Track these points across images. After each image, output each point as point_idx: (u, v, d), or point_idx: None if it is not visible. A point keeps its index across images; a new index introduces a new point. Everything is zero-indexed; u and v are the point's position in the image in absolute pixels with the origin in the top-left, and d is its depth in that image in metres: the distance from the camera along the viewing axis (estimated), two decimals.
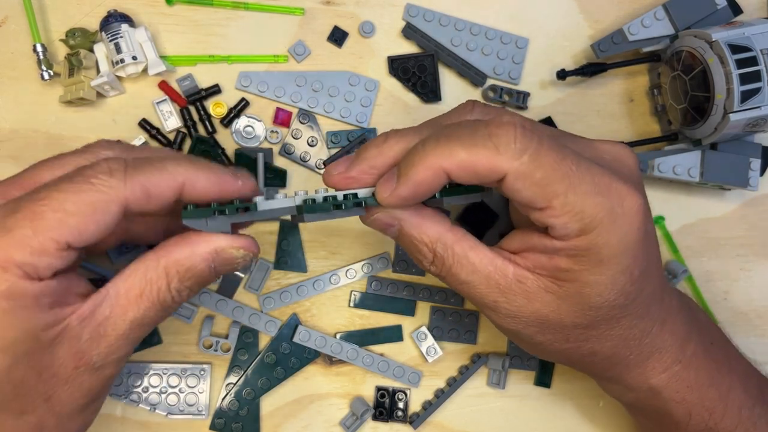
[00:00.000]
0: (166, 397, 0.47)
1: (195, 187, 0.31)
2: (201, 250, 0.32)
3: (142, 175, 0.30)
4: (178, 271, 0.32)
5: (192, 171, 0.31)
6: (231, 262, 0.33)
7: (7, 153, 0.46)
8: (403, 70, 0.49)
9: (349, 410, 0.49)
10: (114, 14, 0.45)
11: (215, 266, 0.32)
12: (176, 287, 0.32)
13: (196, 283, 0.33)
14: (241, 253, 0.33)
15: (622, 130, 0.51)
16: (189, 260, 0.32)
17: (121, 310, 0.31)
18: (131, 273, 0.32)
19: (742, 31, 0.43)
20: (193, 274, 0.32)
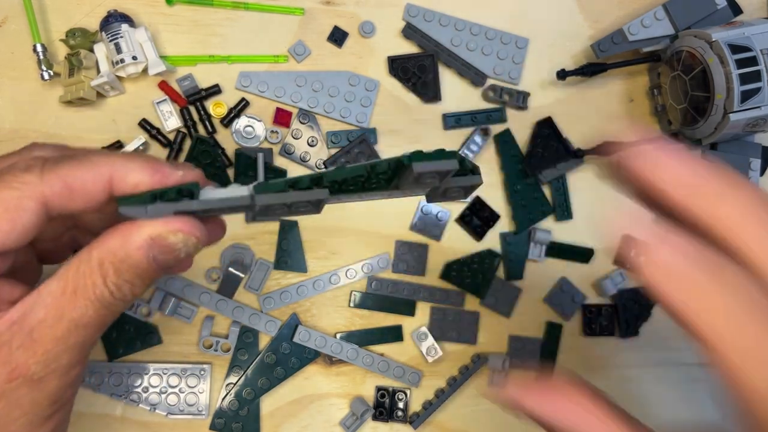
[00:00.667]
0: (166, 397, 0.47)
1: (126, 179, 0.28)
2: (135, 238, 0.28)
3: (61, 169, 0.27)
4: (112, 263, 0.28)
5: (121, 162, 0.28)
6: (170, 249, 0.28)
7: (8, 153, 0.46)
8: (403, 70, 0.49)
9: (349, 410, 0.49)
10: (114, 14, 0.45)
11: (154, 255, 0.28)
12: (113, 281, 0.28)
13: (137, 276, 0.29)
14: (179, 237, 0.28)
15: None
16: (122, 250, 0.28)
17: (56, 312, 0.28)
18: (65, 270, 0.28)
19: (742, 31, 0.43)
20: (130, 266, 0.28)
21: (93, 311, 0.28)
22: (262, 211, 0.30)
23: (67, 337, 0.28)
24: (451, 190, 0.33)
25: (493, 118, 0.50)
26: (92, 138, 0.47)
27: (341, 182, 0.31)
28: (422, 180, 0.31)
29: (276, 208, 0.30)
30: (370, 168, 0.30)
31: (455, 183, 0.32)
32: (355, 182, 0.31)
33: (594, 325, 0.51)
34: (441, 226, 0.49)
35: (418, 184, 0.32)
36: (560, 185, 0.50)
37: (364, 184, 0.31)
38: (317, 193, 0.30)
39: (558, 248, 0.50)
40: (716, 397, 0.52)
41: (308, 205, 0.31)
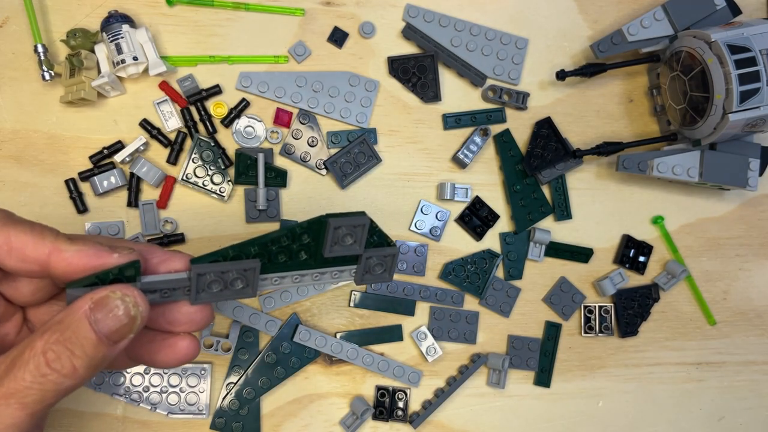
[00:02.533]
0: (167, 397, 0.47)
1: (62, 257, 0.30)
2: (79, 305, 0.29)
3: (12, 227, 0.30)
4: (56, 329, 0.28)
5: (63, 242, 0.30)
6: (111, 308, 0.29)
7: (8, 153, 0.47)
8: (403, 71, 0.49)
9: (349, 409, 0.49)
10: (115, 15, 0.45)
11: (96, 318, 0.29)
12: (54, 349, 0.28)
13: (78, 346, 0.28)
14: (117, 295, 0.29)
15: (621, 130, 0.51)
16: (68, 317, 0.29)
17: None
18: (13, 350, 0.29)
19: (741, 31, 0.43)
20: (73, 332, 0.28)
21: (21, 382, 0.28)
22: (201, 288, 0.32)
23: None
24: (374, 267, 0.36)
25: (492, 119, 0.50)
26: (93, 138, 0.47)
27: (269, 251, 0.33)
28: (341, 241, 0.34)
29: (212, 284, 0.32)
30: (289, 231, 0.33)
31: (374, 254, 0.35)
32: (284, 251, 0.34)
33: (593, 325, 0.51)
34: (441, 226, 0.50)
35: (341, 248, 0.34)
36: (559, 185, 0.50)
37: (292, 254, 0.34)
38: (248, 263, 0.32)
39: (557, 248, 0.50)
40: (714, 399, 0.53)
41: (242, 280, 0.33)
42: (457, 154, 0.49)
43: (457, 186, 0.49)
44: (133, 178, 0.47)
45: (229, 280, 0.32)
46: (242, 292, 0.33)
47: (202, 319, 0.34)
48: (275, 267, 0.34)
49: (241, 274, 0.32)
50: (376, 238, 0.35)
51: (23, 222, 0.30)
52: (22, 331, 0.34)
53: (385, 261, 0.36)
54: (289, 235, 0.33)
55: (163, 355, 0.33)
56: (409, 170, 0.50)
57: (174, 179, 0.47)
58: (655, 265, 0.52)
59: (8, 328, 0.34)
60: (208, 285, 0.32)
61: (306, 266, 0.35)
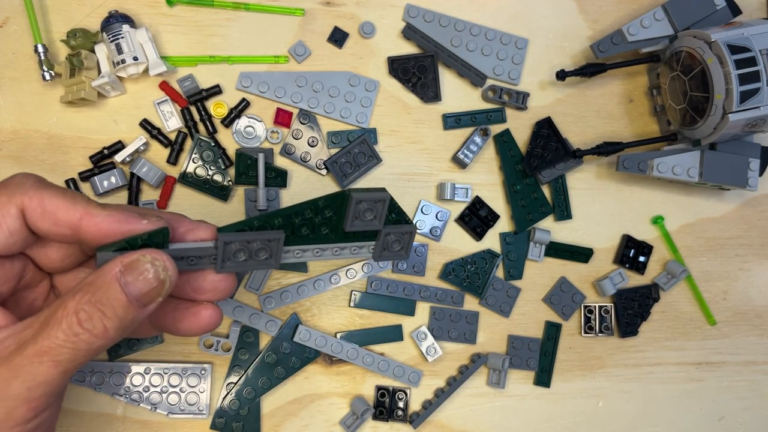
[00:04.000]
0: (167, 397, 0.47)
1: (94, 222, 0.30)
2: (110, 267, 0.29)
3: (46, 190, 0.31)
4: (87, 291, 0.29)
5: (95, 207, 0.31)
6: (141, 272, 0.30)
7: (9, 153, 0.47)
8: (403, 71, 0.49)
9: (349, 409, 0.49)
10: (115, 15, 0.45)
11: (125, 281, 0.29)
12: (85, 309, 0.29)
13: (108, 306, 0.29)
14: (147, 258, 0.30)
15: (621, 130, 0.51)
16: (99, 279, 0.29)
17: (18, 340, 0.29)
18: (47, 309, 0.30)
19: (741, 31, 0.43)
20: (104, 294, 0.29)
21: (54, 340, 0.28)
22: (227, 257, 0.33)
23: (19, 366, 0.28)
24: (392, 244, 0.37)
25: (492, 119, 0.50)
26: (93, 138, 0.47)
27: (293, 224, 0.34)
28: (362, 216, 0.35)
29: (238, 253, 0.33)
30: (312, 203, 0.34)
31: (392, 231, 0.37)
32: (306, 224, 0.35)
33: (593, 325, 0.51)
34: (441, 226, 0.50)
35: (361, 223, 0.35)
36: (559, 185, 0.50)
37: (314, 228, 0.35)
38: (273, 234, 0.33)
39: (557, 248, 0.50)
40: (714, 399, 0.53)
41: (266, 250, 0.34)
42: (457, 154, 0.49)
43: (457, 186, 0.49)
44: (134, 178, 0.47)
45: (253, 249, 0.33)
46: (266, 262, 0.34)
47: (227, 288, 0.35)
48: (298, 239, 0.35)
49: (266, 244, 0.34)
50: (395, 215, 0.37)
51: (56, 186, 0.31)
52: (49, 297, 0.36)
53: (402, 238, 0.37)
54: (312, 208, 0.35)
55: (187, 323, 0.35)
56: (409, 170, 0.50)
57: (174, 179, 0.47)
58: (655, 265, 0.52)
59: (36, 293, 0.35)
60: (233, 254, 0.33)
61: (327, 240, 0.36)
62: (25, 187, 0.31)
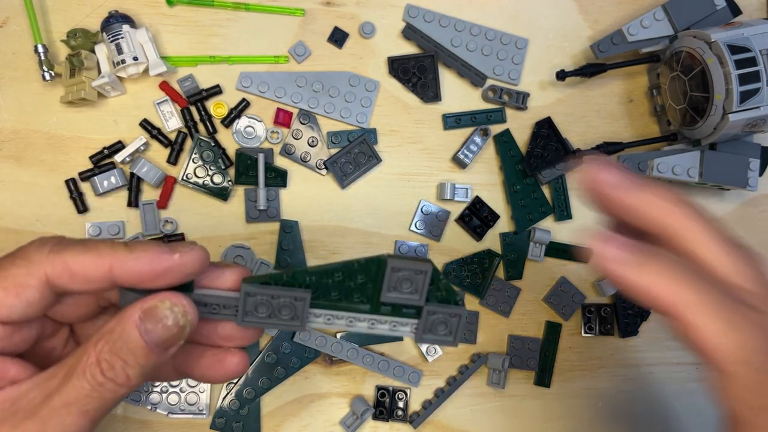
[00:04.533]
0: (167, 397, 0.47)
1: (125, 267, 0.30)
2: (129, 314, 0.30)
3: (66, 252, 0.30)
4: (107, 341, 0.29)
5: (122, 252, 0.30)
6: (160, 318, 0.30)
7: (9, 153, 0.47)
8: (403, 71, 0.49)
9: (349, 409, 0.49)
10: (115, 15, 0.45)
11: (146, 328, 0.29)
12: (107, 359, 0.29)
13: (130, 353, 0.29)
14: (166, 305, 0.30)
15: (621, 130, 0.51)
16: (118, 327, 0.29)
17: (45, 391, 0.29)
18: (70, 357, 0.30)
19: (741, 31, 0.43)
20: (124, 342, 0.29)
21: (80, 390, 0.29)
22: (248, 310, 0.32)
23: (48, 417, 0.29)
24: (437, 325, 0.33)
25: (492, 119, 0.50)
26: (93, 138, 0.47)
27: (321, 285, 0.32)
28: (400, 287, 0.32)
29: (260, 307, 0.32)
30: (345, 265, 0.32)
31: (438, 310, 0.32)
32: (336, 288, 0.32)
33: (593, 325, 0.51)
34: (441, 226, 0.50)
35: (399, 295, 0.32)
36: (559, 185, 0.50)
37: (346, 293, 0.32)
38: (299, 292, 0.31)
39: (557, 248, 0.50)
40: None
41: (291, 309, 0.32)
42: (457, 154, 0.49)
43: (457, 186, 0.49)
44: (134, 178, 0.47)
45: (277, 306, 0.32)
46: (290, 323, 0.32)
47: (253, 336, 0.34)
48: (328, 303, 0.32)
49: (291, 302, 0.32)
50: (443, 293, 0.33)
51: (76, 243, 0.30)
52: (68, 344, 0.35)
53: (449, 321, 0.33)
54: (344, 269, 0.32)
55: (213, 371, 0.34)
56: (409, 170, 0.50)
57: (174, 179, 0.47)
58: None
59: (55, 342, 0.35)
60: (255, 308, 0.32)
61: (360, 309, 0.33)
62: (43, 254, 0.30)
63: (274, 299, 0.31)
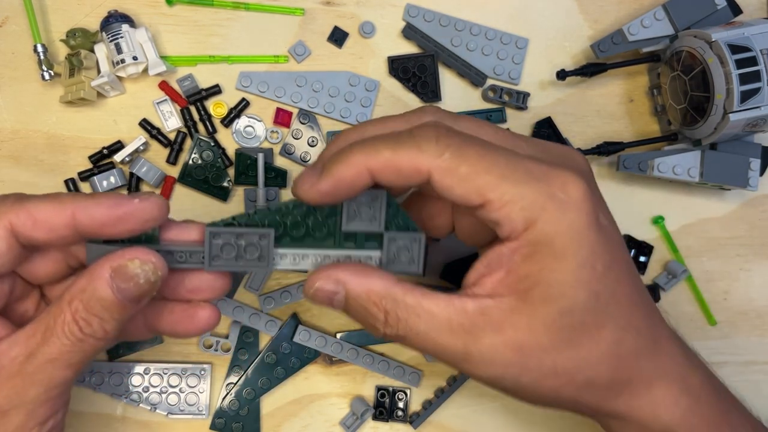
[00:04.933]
0: (167, 397, 0.47)
1: (88, 214, 0.30)
2: (99, 272, 0.30)
3: (29, 201, 0.31)
4: (81, 299, 0.30)
5: (83, 199, 0.31)
6: (130, 276, 0.30)
7: (8, 153, 0.46)
8: (403, 71, 0.49)
9: (349, 410, 0.49)
10: (114, 14, 0.45)
11: (117, 285, 0.30)
12: (82, 316, 0.30)
13: (104, 310, 0.30)
14: (136, 264, 0.30)
15: (622, 130, 0.51)
16: (89, 285, 0.30)
17: (26, 349, 0.30)
18: (41, 313, 0.31)
19: (742, 31, 0.43)
20: (97, 299, 0.30)
21: (62, 347, 0.30)
22: (215, 253, 0.32)
23: (34, 373, 0.30)
24: (399, 252, 0.34)
25: (493, 119, 0.50)
26: (93, 138, 0.47)
27: (285, 223, 0.33)
28: (359, 214, 0.33)
29: (226, 249, 0.32)
30: None
31: (398, 236, 0.33)
32: (300, 225, 0.33)
33: None
34: None
35: (360, 223, 0.33)
36: None
37: (309, 228, 0.33)
38: (262, 231, 0.32)
39: None
40: None
41: (257, 248, 0.32)
42: None
43: None
44: (133, 178, 0.47)
45: (243, 247, 0.32)
46: (257, 263, 0.33)
47: (222, 286, 0.35)
48: (293, 241, 0.33)
49: (256, 241, 0.32)
50: (401, 220, 0.34)
51: (37, 195, 0.31)
52: (39, 306, 0.36)
53: (411, 247, 0.34)
54: (303, 204, 0.33)
55: (184, 325, 0.35)
56: None
57: (174, 179, 0.47)
58: (656, 266, 0.52)
59: (27, 305, 0.35)
60: (221, 250, 0.32)
61: (327, 245, 0.33)
62: (6, 205, 0.31)
63: (239, 239, 0.32)
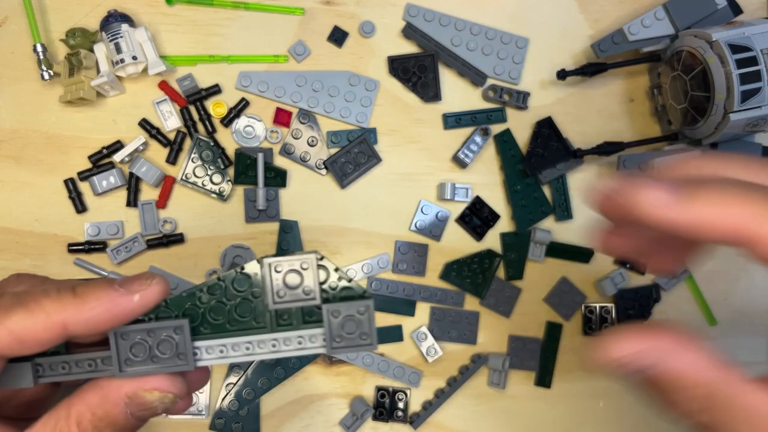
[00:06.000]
0: None
1: (80, 321, 0.27)
2: (113, 396, 0.28)
3: (9, 320, 0.27)
4: (90, 420, 0.28)
5: (73, 305, 0.27)
6: (147, 407, 0.28)
7: (8, 153, 0.46)
8: (403, 70, 0.49)
9: (349, 410, 0.49)
10: (114, 14, 0.45)
11: (132, 412, 0.28)
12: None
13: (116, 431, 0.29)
14: (155, 396, 0.28)
15: (622, 130, 0.51)
16: (101, 408, 0.28)
17: None
18: (42, 424, 0.28)
19: (742, 30, 0.43)
20: (109, 423, 0.28)
21: None
22: (123, 356, 0.28)
23: None
24: (344, 326, 0.28)
25: (493, 118, 0.50)
26: (92, 138, 0.47)
27: (201, 309, 0.28)
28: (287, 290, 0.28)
29: (136, 349, 0.28)
30: (218, 280, 0.28)
31: (340, 308, 0.28)
32: (219, 309, 0.28)
33: (594, 325, 0.51)
34: (441, 226, 0.49)
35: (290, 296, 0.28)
36: (560, 185, 0.50)
37: (232, 312, 0.28)
38: (174, 322, 0.28)
39: (558, 248, 0.50)
40: None
41: (172, 345, 0.28)
42: (457, 153, 0.49)
43: (458, 186, 0.49)
44: (133, 177, 0.47)
45: (156, 345, 0.28)
46: (176, 363, 0.28)
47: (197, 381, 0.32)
48: (215, 331, 0.28)
49: (170, 336, 0.28)
50: (344, 287, 0.28)
51: (16, 306, 0.27)
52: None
53: (359, 320, 0.28)
54: (217, 284, 0.28)
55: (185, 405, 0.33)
56: (409, 170, 0.49)
57: (173, 179, 0.47)
58: None
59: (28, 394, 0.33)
60: (131, 351, 0.28)
61: (256, 331, 0.28)
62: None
63: (151, 337, 0.28)
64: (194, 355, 0.28)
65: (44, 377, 0.29)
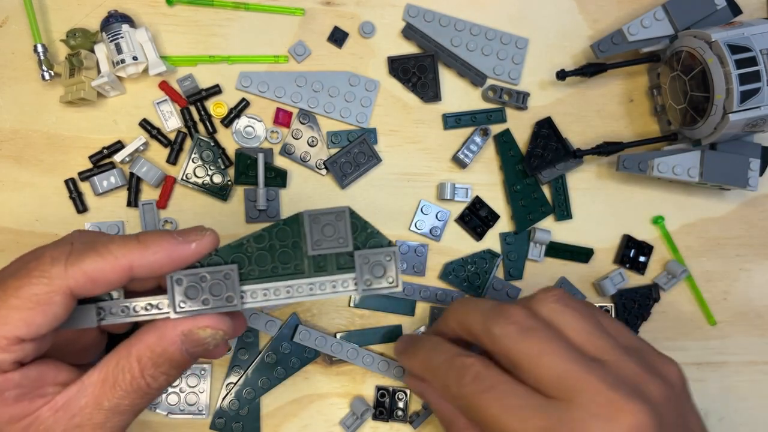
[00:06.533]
0: (167, 397, 0.47)
1: (144, 264, 0.31)
2: (169, 334, 0.31)
3: (83, 262, 0.30)
4: (150, 357, 0.32)
5: (138, 251, 0.31)
6: (201, 342, 0.32)
7: (8, 153, 0.46)
8: (403, 71, 0.49)
9: (349, 410, 0.49)
10: (114, 15, 0.45)
11: (187, 348, 0.32)
12: (150, 374, 0.32)
13: (172, 368, 0.32)
14: (207, 333, 0.32)
15: (621, 130, 0.51)
16: (159, 345, 0.32)
17: (95, 400, 0.31)
18: (105, 363, 0.32)
19: (742, 31, 0.43)
20: (166, 359, 0.32)
21: (129, 400, 0.32)
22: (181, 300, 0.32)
23: (104, 423, 0.32)
24: (373, 270, 0.32)
25: (493, 118, 0.50)
26: (93, 138, 0.47)
27: (248, 257, 0.32)
28: (324, 239, 0.32)
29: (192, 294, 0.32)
30: (267, 229, 0.32)
31: (369, 254, 0.32)
32: (265, 257, 0.32)
33: None
34: (441, 226, 0.50)
35: (326, 245, 0.32)
36: (560, 185, 0.50)
37: (276, 259, 0.32)
38: (224, 268, 0.32)
39: (557, 248, 0.50)
40: (714, 399, 0.53)
41: (223, 287, 0.32)
42: (457, 154, 0.49)
43: (457, 186, 0.49)
44: (133, 177, 0.47)
45: (208, 289, 0.32)
46: (226, 304, 0.32)
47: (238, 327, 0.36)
48: (261, 276, 0.32)
49: (221, 281, 0.32)
50: (370, 237, 0.32)
51: (89, 251, 0.31)
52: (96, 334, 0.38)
53: (386, 264, 0.32)
54: (266, 234, 0.32)
55: None
56: (409, 170, 0.50)
57: (174, 179, 0.47)
58: (656, 265, 0.52)
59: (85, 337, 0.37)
60: (186, 295, 0.32)
61: (296, 276, 0.32)
62: (61, 268, 0.30)
63: (204, 282, 0.31)
64: (241, 297, 0.32)
65: (106, 319, 0.32)
